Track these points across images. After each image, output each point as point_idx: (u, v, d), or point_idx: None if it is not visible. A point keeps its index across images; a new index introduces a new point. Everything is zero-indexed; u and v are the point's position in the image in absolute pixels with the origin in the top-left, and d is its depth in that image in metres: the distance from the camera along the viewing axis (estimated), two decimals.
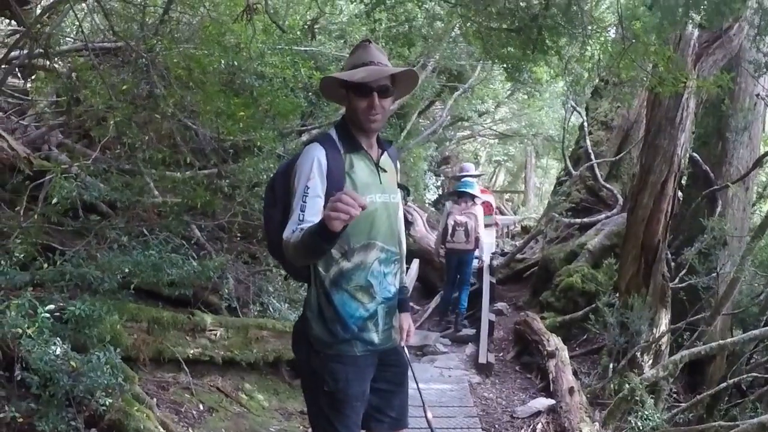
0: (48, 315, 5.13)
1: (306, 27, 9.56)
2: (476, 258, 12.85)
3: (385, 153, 3.83)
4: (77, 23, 7.76)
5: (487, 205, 14.43)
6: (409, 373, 4.05)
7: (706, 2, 6.55)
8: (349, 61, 3.76)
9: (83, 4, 8.94)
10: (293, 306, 8.74)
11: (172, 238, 7.50)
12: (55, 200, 6.48)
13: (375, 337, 3.69)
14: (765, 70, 8.52)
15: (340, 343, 3.60)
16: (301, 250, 3.18)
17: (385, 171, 3.75)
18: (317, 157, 3.49)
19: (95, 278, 5.98)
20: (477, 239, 12.26)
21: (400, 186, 3.95)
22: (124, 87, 7.59)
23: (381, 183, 3.69)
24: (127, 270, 6.28)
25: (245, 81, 9.32)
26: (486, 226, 13.44)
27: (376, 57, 3.65)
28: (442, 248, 12.60)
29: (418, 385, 4.13)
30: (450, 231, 12.22)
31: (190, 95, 7.65)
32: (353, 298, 3.60)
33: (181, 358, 6.69)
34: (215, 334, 7.16)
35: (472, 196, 12.50)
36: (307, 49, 11.75)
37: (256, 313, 8.46)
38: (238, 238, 9.34)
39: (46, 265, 6.05)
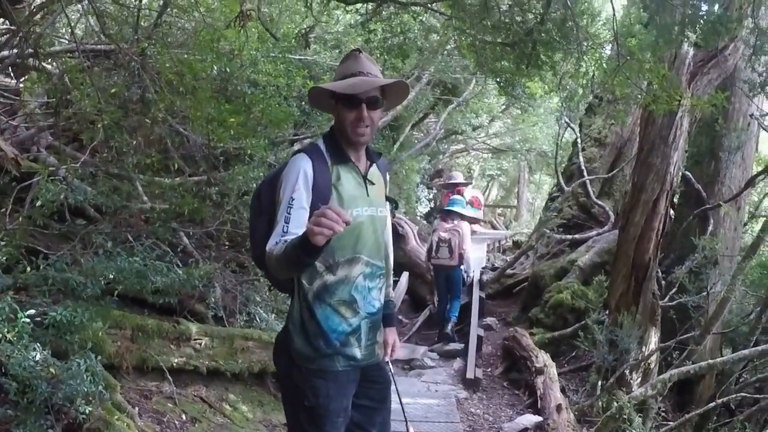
0: (28, 320, 5.06)
1: (301, 36, 9.51)
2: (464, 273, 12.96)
3: (374, 165, 3.78)
4: (71, 24, 7.66)
5: (475, 200, 15.09)
6: (393, 388, 3.99)
7: (702, 21, 6.54)
8: (338, 70, 3.71)
9: (78, 6, 8.90)
10: (280, 316, 8.66)
11: (159, 245, 7.42)
12: (39, 203, 6.40)
13: (357, 353, 3.64)
14: (760, 90, 8.50)
15: (322, 358, 3.56)
16: (283, 262, 3.13)
17: (373, 184, 3.70)
18: (303, 168, 3.45)
19: (78, 284, 5.89)
20: (461, 255, 12.43)
21: (388, 199, 3.90)
22: (113, 90, 7.53)
23: (368, 196, 3.65)
24: (111, 276, 6.20)
25: (238, 88, 9.27)
26: (473, 222, 14.13)
27: (366, 67, 3.60)
28: (429, 264, 12.97)
29: (401, 402, 4.10)
30: (434, 247, 12.51)
31: (180, 100, 7.58)
32: (336, 312, 3.56)
33: (164, 367, 6.58)
34: (200, 344, 7.07)
35: (459, 215, 12.75)
36: (302, 57, 11.72)
37: (242, 323, 8.37)
38: (227, 247, 9.28)
39: (29, 269, 5.97)
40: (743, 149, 10.51)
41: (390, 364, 4.04)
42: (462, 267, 12.64)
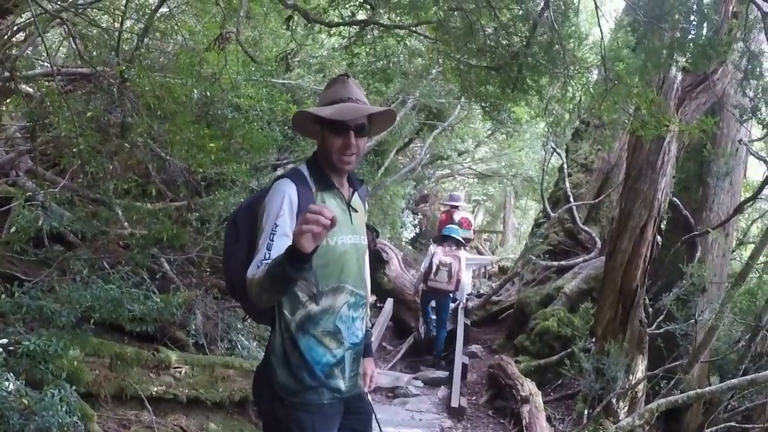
0: (1, 349, 4.95)
1: (282, 59, 9.45)
2: (454, 300, 13.36)
3: (356, 192, 3.72)
4: (53, 46, 7.60)
5: (464, 221, 15.04)
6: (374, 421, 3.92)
7: (692, 45, 6.48)
8: (324, 95, 3.62)
9: (59, 29, 8.83)
10: (262, 344, 8.55)
11: (137, 272, 7.30)
12: (14, 228, 6.29)
13: (342, 385, 3.54)
14: (751, 114, 8.46)
15: (307, 391, 3.45)
16: (266, 283, 2.96)
17: (356, 211, 3.64)
18: (288, 193, 3.35)
19: (53, 311, 5.75)
20: (458, 281, 12.73)
21: (368, 227, 3.84)
22: (89, 114, 7.43)
23: (352, 224, 3.59)
24: (87, 304, 6.08)
25: (219, 112, 9.21)
26: (466, 240, 14.12)
27: (354, 93, 3.52)
28: (423, 287, 12.97)
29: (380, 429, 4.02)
30: (434, 270, 12.64)
31: (157, 124, 7.50)
32: (320, 343, 3.46)
33: (144, 396, 6.47)
34: (180, 372, 6.95)
35: (456, 241, 12.98)
36: (285, 81, 11.68)
37: (224, 351, 8.28)
38: (208, 273, 9.17)
39: (3, 296, 5.84)
40: (731, 175, 10.47)
41: (368, 395, 3.95)
42: (454, 294, 12.99)
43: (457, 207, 15.38)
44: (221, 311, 8.61)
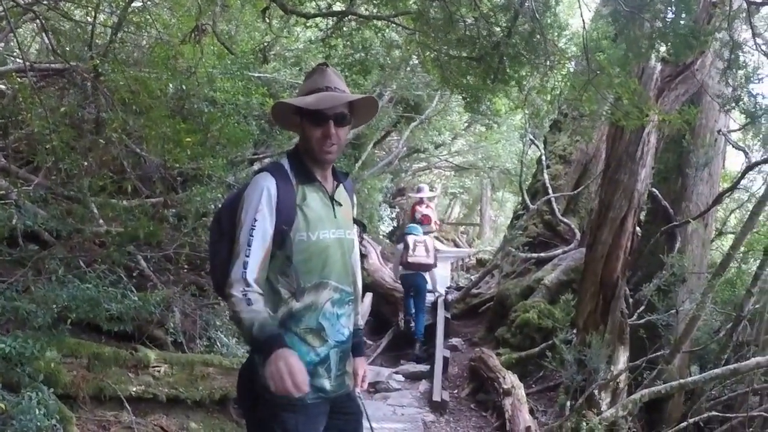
0: None
1: (259, 52, 9.36)
2: (429, 291, 13.89)
3: (341, 186, 3.66)
4: (25, 41, 7.48)
5: (425, 218, 15.30)
6: (365, 422, 3.85)
7: (673, 35, 6.44)
8: (304, 85, 3.57)
9: (32, 24, 8.71)
10: (241, 341, 8.47)
11: (114, 270, 7.20)
12: None
13: (327, 384, 3.49)
14: (734, 104, 8.43)
15: None
16: (238, 326, 3.21)
17: (340, 205, 3.57)
18: (267, 187, 3.30)
19: (29, 312, 5.65)
20: (436, 255, 13.51)
21: (356, 221, 3.78)
22: (63, 109, 7.32)
23: (335, 218, 3.51)
24: (64, 304, 5.99)
25: (195, 106, 9.11)
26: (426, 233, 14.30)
27: (333, 82, 3.46)
28: (403, 270, 13.45)
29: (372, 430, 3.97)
30: (412, 246, 13.16)
31: (132, 119, 7.40)
32: (303, 341, 3.40)
33: (123, 396, 6.40)
34: (159, 371, 6.89)
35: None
36: (261, 75, 11.58)
37: (202, 348, 8.20)
38: (186, 270, 9.08)
39: None
40: (710, 165, 10.45)
41: (360, 395, 3.88)
42: (429, 285, 13.59)
43: (421, 200, 15.58)
44: (200, 308, 8.53)
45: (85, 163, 7.64)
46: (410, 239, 13.27)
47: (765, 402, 8.82)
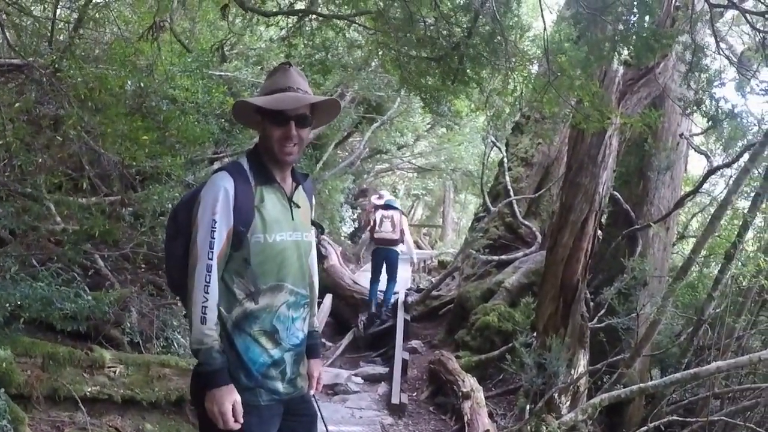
0: None
1: (216, 49, 9.24)
2: (403, 254, 14.72)
3: (300, 187, 3.61)
4: None
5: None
6: (320, 424, 3.83)
7: (635, 37, 6.41)
8: (266, 84, 3.52)
9: None
10: None
11: (69, 269, 7.10)
12: None
13: (280, 386, 3.44)
14: (695, 107, 8.46)
15: (243, 392, 3.31)
16: (188, 324, 3.30)
17: (298, 207, 3.52)
18: (225, 187, 3.25)
19: None
20: (402, 232, 14.03)
21: (314, 223, 3.74)
22: (17, 105, 7.19)
23: (293, 220, 3.47)
24: (17, 303, 5.89)
25: (153, 104, 9.00)
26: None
27: (295, 82, 3.41)
28: (372, 245, 14.38)
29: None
30: (378, 222, 13.88)
31: (88, 116, 7.28)
32: (256, 342, 3.35)
33: (77, 397, 6.31)
34: (115, 371, 6.79)
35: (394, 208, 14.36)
36: (222, 73, 11.49)
37: (159, 349, 8.14)
38: (143, 269, 8.97)
39: None
40: (672, 169, 10.50)
41: (315, 397, 3.85)
42: (402, 250, 14.35)
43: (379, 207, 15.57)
44: (157, 308, 8.45)
45: (41, 160, 7.53)
46: (378, 214, 13.90)
47: (726, 406, 8.82)
